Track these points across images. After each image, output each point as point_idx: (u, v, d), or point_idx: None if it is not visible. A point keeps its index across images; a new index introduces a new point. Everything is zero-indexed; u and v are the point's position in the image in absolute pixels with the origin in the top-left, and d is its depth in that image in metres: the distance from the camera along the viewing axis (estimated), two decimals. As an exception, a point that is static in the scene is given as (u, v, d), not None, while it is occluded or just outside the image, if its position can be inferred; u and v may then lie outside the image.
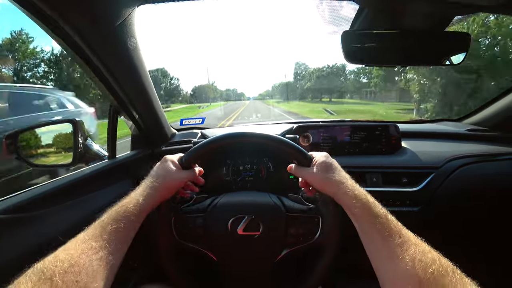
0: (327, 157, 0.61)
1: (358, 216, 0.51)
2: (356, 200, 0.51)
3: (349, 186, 0.54)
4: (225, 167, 1.02)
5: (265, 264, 0.66)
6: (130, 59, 0.77)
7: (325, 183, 0.56)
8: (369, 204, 0.51)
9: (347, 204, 0.53)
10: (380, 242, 0.46)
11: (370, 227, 0.48)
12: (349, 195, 0.52)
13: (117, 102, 0.87)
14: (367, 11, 0.75)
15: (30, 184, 0.76)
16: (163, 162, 0.63)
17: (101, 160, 0.98)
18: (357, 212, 0.51)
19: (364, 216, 0.50)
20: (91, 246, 0.43)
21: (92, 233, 0.46)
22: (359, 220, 0.51)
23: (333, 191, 0.55)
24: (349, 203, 0.52)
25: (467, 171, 1.00)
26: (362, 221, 0.50)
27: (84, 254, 0.41)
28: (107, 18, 0.65)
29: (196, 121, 1.35)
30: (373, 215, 0.49)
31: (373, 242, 0.47)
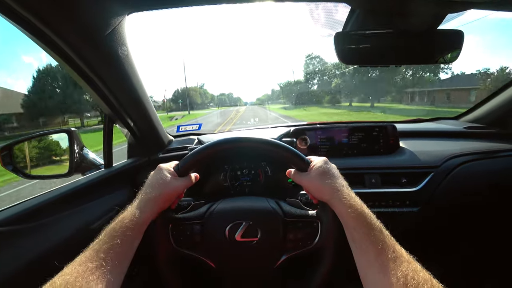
0: (325, 162, 0.60)
1: (351, 226, 0.50)
2: (351, 210, 0.50)
3: (345, 194, 0.53)
4: (223, 172, 1.01)
5: (264, 270, 0.65)
6: (122, 67, 0.76)
7: (321, 189, 0.56)
8: (364, 215, 0.50)
9: (341, 212, 0.52)
10: (372, 255, 0.45)
11: (363, 238, 0.47)
12: (344, 203, 0.52)
13: (111, 111, 0.87)
14: (359, 12, 0.75)
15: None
16: (158, 171, 0.61)
17: (98, 169, 0.97)
18: (351, 222, 0.50)
19: (358, 227, 0.49)
20: (87, 267, 0.42)
21: (89, 254, 0.45)
22: (352, 230, 0.50)
23: (327, 198, 0.55)
24: (344, 211, 0.51)
25: (467, 169, 0.99)
26: (355, 231, 0.49)
27: (80, 277, 0.40)
28: (97, 28, 0.65)
29: (193, 127, 1.35)
30: (367, 226, 0.48)
31: (366, 253, 0.46)
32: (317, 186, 0.56)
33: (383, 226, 0.50)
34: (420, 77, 30.78)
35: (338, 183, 0.55)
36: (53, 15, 0.56)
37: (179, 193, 0.63)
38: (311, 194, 0.60)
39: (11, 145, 0.91)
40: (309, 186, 0.58)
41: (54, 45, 0.61)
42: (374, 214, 0.51)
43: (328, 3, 0.76)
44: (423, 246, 0.53)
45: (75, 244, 0.55)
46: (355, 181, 1.00)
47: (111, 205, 0.85)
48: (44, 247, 0.64)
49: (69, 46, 0.62)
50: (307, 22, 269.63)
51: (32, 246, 0.62)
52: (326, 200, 0.55)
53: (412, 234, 1.01)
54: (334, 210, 0.54)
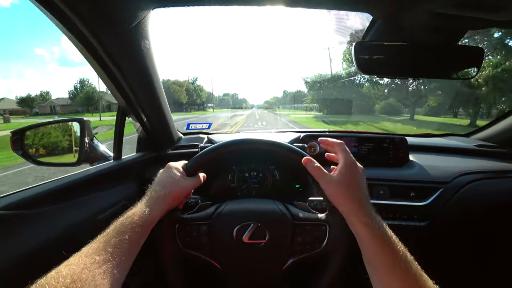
0: (351, 166, 0.55)
1: (373, 250, 0.47)
2: (366, 224, 0.48)
3: (364, 211, 0.50)
4: (231, 173, 1.01)
5: (271, 273, 0.64)
6: (142, 61, 0.77)
7: (339, 198, 0.53)
8: (383, 234, 0.47)
9: (355, 227, 0.50)
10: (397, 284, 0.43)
11: (379, 258, 0.45)
12: (360, 219, 0.49)
13: (126, 103, 0.87)
14: (380, 23, 0.75)
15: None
16: (168, 169, 0.62)
17: (107, 160, 0.98)
18: (364, 239, 0.48)
19: (382, 254, 0.46)
20: (94, 260, 0.42)
21: (96, 246, 0.45)
22: (365, 249, 0.48)
23: (344, 209, 0.52)
24: (359, 227, 0.49)
25: (477, 187, 0.98)
26: (368, 251, 0.47)
27: (87, 269, 0.40)
28: (122, 19, 0.66)
29: (202, 126, 1.36)
30: (392, 253, 0.45)
31: (380, 275, 0.45)
32: (335, 193, 0.53)
33: (404, 247, 0.47)
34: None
35: (359, 196, 0.52)
36: (80, 3, 0.57)
37: (188, 192, 0.63)
38: (327, 195, 0.55)
39: (23, 130, 0.92)
40: (327, 189, 0.55)
41: (78, 33, 0.62)
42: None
43: (350, 12, 0.77)
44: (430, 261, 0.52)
45: (80, 234, 0.55)
46: None
47: (118, 198, 0.85)
48: (49, 235, 0.64)
49: (93, 35, 0.63)
50: (327, 27, 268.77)
51: (38, 233, 0.62)
52: (341, 209, 0.53)
53: (419, 248, 1.00)
54: (351, 226, 0.52)
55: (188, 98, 53.56)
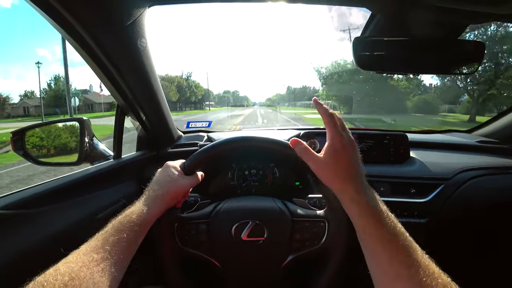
0: (345, 145, 0.50)
1: (359, 226, 0.46)
2: (361, 207, 0.46)
3: (356, 190, 0.47)
4: (230, 171, 1.01)
5: (270, 270, 0.64)
6: (139, 59, 0.77)
7: (331, 179, 0.49)
8: (378, 215, 0.45)
9: (349, 210, 0.47)
10: (387, 264, 0.41)
11: (376, 241, 0.43)
12: (354, 199, 0.46)
13: (125, 102, 0.87)
14: (379, 18, 0.74)
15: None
16: (165, 168, 0.62)
17: (107, 159, 0.98)
18: (358, 222, 0.46)
19: (370, 226, 0.44)
20: (92, 258, 0.42)
21: (94, 244, 0.45)
22: (360, 232, 0.46)
23: (336, 189, 0.49)
24: (352, 210, 0.47)
25: (478, 183, 0.97)
26: (367, 229, 0.44)
27: (85, 267, 0.40)
28: (118, 17, 0.65)
29: (202, 124, 1.36)
30: (380, 225, 0.43)
31: (380, 263, 0.42)
32: (327, 173, 0.50)
33: (399, 223, 0.44)
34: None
35: (351, 174, 0.49)
36: (75, 2, 0.57)
37: (186, 191, 0.63)
38: (318, 177, 0.51)
39: (23, 130, 0.92)
40: (317, 170, 0.51)
41: (74, 32, 0.62)
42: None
43: (349, 7, 0.76)
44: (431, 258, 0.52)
45: (80, 232, 0.55)
46: None
47: (118, 197, 0.85)
48: (49, 233, 0.64)
49: (88, 33, 0.63)
50: (326, 23, 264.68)
51: (38, 231, 0.63)
52: (334, 190, 0.49)
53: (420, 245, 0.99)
54: (343, 204, 0.49)
55: (181, 96, 44.90)
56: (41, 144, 1.01)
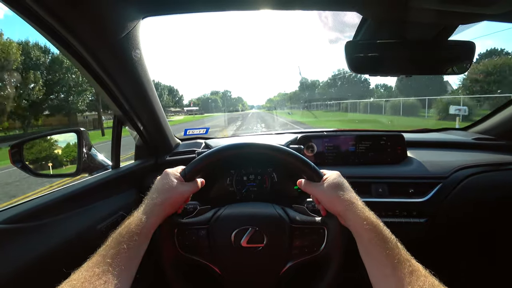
0: (339, 175, 0.60)
1: (366, 238, 0.49)
2: (366, 222, 0.50)
3: (359, 207, 0.53)
4: (229, 177, 1.01)
5: (269, 277, 0.64)
6: (134, 70, 0.77)
7: (334, 201, 0.56)
8: (380, 228, 0.50)
9: (355, 225, 0.52)
10: (389, 269, 0.45)
11: (379, 252, 0.47)
12: (359, 215, 0.51)
13: (122, 113, 0.88)
14: (370, 21, 0.75)
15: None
16: (164, 176, 0.62)
17: (105, 169, 0.98)
18: (365, 235, 0.49)
19: (373, 240, 0.48)
20: (94, 272, 0.42)
21: (95, 260, 0.45)
22: (367, 243, 0.49)
23: (340, 209, 0.54)
24: (359, 224, 0.51)
25: (475, 181, 0.98)
26: (370, 244, 0.49)
27: (87, 282, 0.41)
28: (112, 30, 0.66)
29: (200, 131, 1.36)
30: (383, 240, 0.48)
31: (382, 267, 0.46)
32: (330, 197, 0.57)
33: (398, 240, 0.49)
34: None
35: (351, 196, 0.56)
36: (69, 16, 0.58)
37: (185, 198, 0.63)
38: (323, 205, 0.60)
39: (21, 143, 0.93)
40: (322, 197, 0.59)
41: (68, 45, 0.63)
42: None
43: (340, 12, 0.77)
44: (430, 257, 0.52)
45: (81, 244, 0.55)
46: (361, 190, 0.98)
47: (118, 206, 0.85)
48: (50, 246, 0.64)
49: (83, 46, 0.63)
50: (318, 28, 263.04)
51: (38, 244, 0.63)
52: (338, 211, 0.55)
53: (419, 245, 0.99)
54: (347, 224, 0.54)
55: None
56: (39, 156, 1.01)
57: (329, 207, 0.57)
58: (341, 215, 0.55)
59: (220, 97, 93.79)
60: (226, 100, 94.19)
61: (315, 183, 0.60)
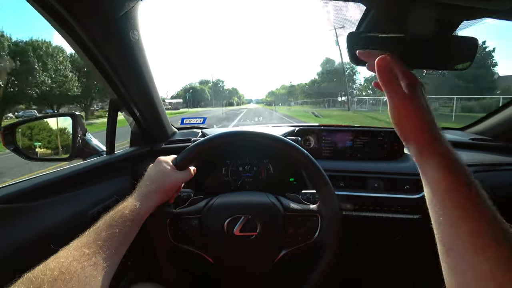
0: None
1: (449, 190, 0.36)
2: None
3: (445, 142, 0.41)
4: (224, 167, 1.00)
5: (263, 265, 0.64)
6: (132, 53, 0.76)
7: (416, 128, 0.43)
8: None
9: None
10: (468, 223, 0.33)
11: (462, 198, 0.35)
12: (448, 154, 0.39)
13: (118, 97, 0.86)
14: (374, 13, 0.74)
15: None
16: (157, 164, 0.62)
17: (100, 155, 0.97)
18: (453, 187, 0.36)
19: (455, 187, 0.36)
20: (83, 253, 0.42)
21: (86, 240, 0.44)
22: (449, 191, 0.36)
23: (420, 142, 0.42)
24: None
25: None
26: (456, 198, 0.35)
27: (76, 261, 0.40)
28: (109, 8, 0.64)
29: (197, 121, 1.35)
30: (474, 192, 0.36)
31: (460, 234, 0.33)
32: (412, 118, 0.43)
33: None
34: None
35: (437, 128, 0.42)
36: None
37: (178, 186, 0.63)
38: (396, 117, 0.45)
39: (14, 125, 0.91)
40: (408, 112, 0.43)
41: (64, 23, 0.61)
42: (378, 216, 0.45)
43: (343, 1, 0.75)
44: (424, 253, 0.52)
45: (71, 228, 0.54)
46: (357, 185, 0.99)
47: (110, 192, 0.85)
48: (40, 228, 0.63)
49: (79, 24, 0.62)
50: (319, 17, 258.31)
51: (28, 226, 0.62)
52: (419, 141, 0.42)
53: (413, 240, 1.00)
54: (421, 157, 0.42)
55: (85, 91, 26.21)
56: (32, 139, 0.99)
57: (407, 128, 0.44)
58: (415, 147, 0.43)
59: (209, 88, 72.97)
60: (218, 92, 72.44)
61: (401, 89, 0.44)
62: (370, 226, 0.96)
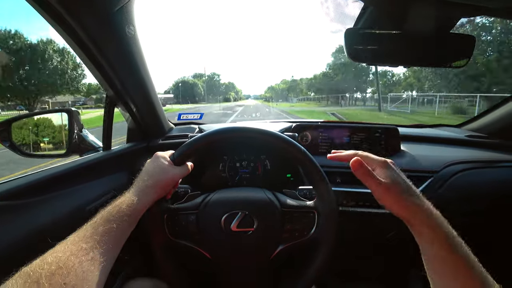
0: (393, 165, 0.54)
1: (441, 258, 0.43)
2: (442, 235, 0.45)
3: (430, 212, 0.48)
4: (222, 163, 1.00)
5: (260, 261, 0.65)
6: (128, 48, 0.75)
7: (401, 205, 0.49)
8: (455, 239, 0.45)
9: (429, 235, 0.46)
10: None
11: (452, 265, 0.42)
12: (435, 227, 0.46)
13: (114, 92, 0.85)
14: (372, 10, 0.74)
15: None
16: (155, 159, 0.62)
17: (96, 151, 0.97)
18: (439, 254, 0.44)
19: (449, 261, 0.43)
20: (81, 247, 0.41)
21: (83, 234, 0.44)
22: (441, 263, 0.43)
23: (408, 217, 0.48)
24: (433, 236, 0.45)
25: (466, 177, 0.99)
26: (442, 262, 0.43)
27: (73, 256, 0.39)
28: (105, 2, 0.63)
29: (194, 116, 1.34)
30: (463, 260, 0.43)
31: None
32: (395, 200, 0.49)
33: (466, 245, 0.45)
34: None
35: (417, 196, 0.50)
36: None
37: (176, 181, 0.63)
38: (382, 203, 0.51)
39: (10, 121, 0.90)
40: (383, 197, 0.50)
41: (59, 17, 0.60)
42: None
43: (341, -2, 0.75)
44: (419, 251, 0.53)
45: (68, 224, 0.54)
46: (353, 181, 0.99)
47: (107, 188, 0.84)
48: (36, 225, 0.63)
49: (74, 19, 0.61)
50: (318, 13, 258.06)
51: (24, 223, 0.62)
52: (405, 218, 0.49)
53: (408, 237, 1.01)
54: (412, 229, 0.48)
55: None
56: (28, 135, 0.99)
57: (391, 208, 0.50)
58: (405, 220, 0.49)
59: (203, 81, 67.45)
60: (213, 86, 67.84)
61: (377, 179, 0.50)
62: (366, 221, 0.96)
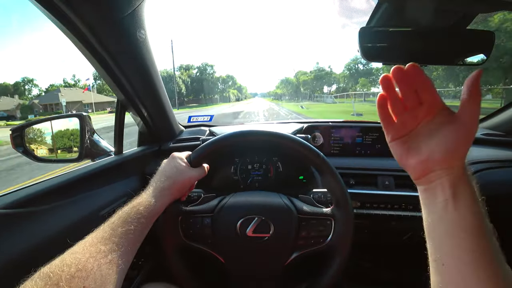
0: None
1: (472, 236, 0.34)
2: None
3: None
4: (233, 165, 1.00)
5: (274, 267, 0.64)
6: (139, 52, 0.75)
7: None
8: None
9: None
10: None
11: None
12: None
13: (125, 97, 0.86)
14: (386, 7, 0.72)
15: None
16: (172, 159, 0.61)
17: (108, 155, 0.97)
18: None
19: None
20: (99, 249, 0.41)
21: (101, 235, 0.44)
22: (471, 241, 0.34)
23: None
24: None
25: (483, 177, 0.96)
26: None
27: (92, 258, 0.39)
28: (115, 7, 0.63)
29: (204, 118, 1.34)
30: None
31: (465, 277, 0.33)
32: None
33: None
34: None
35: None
36: None
37: (192, 183, 0.62)
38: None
39: (23, 127, 0.91)
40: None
41: (69, 23, 0.60)
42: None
43: (354, -4, 0.73)
44: None
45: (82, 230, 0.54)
46: (367, 182, 0.97)
47: (120, 193, 0.85)
48: (51, 232, 0.63)
49: (85, 24, 0.60)
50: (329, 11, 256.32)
51: (40, 230, 0.62)
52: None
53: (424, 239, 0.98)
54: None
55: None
56: (41, 140, 0.99)
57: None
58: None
59: (188, 75, 51.10)
60: (203, 81, 52.24)
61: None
62: (382, 223, 0.95)
